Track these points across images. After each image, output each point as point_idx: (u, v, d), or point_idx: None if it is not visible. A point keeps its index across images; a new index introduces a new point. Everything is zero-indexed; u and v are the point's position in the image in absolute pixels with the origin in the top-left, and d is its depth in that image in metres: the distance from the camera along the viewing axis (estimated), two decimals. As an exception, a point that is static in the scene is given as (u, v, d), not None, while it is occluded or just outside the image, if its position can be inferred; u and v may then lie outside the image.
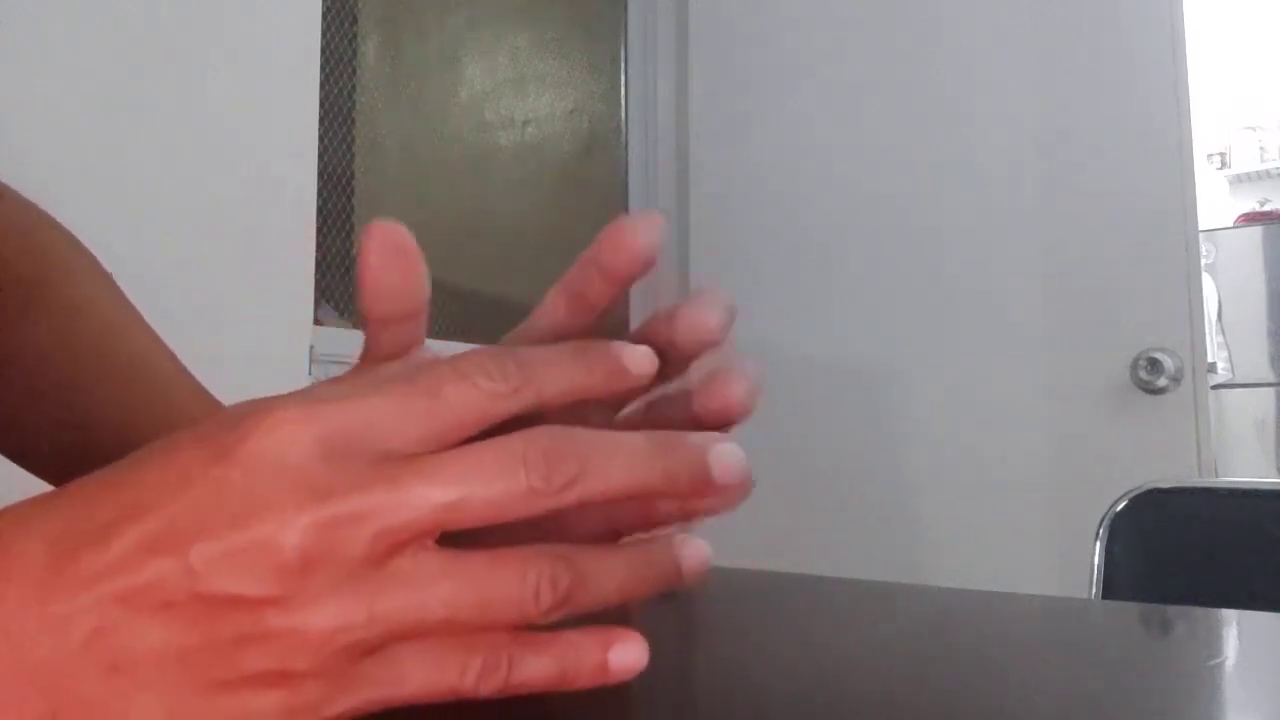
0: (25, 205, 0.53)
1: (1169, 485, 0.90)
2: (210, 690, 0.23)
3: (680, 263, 1.97)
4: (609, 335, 0.31)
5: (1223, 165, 4.44)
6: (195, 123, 1.14)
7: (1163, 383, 1.53)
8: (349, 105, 1.57)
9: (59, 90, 1.02)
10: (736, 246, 1.93)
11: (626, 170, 2.11)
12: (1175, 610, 0.49)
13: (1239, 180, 4.48)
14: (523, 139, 1.93)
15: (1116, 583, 0.87)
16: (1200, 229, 1.58)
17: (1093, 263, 1.61)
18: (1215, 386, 3.43)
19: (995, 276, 1.69)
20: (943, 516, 1.70)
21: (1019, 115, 1.69)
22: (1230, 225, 4.00)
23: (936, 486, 1.71)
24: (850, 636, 0.43)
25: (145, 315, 0.53)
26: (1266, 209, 4.27)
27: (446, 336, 1.57)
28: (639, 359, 0.27)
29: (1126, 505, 0.89)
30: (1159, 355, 1.53)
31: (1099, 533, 0.89)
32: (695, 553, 0.27)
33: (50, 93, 1.01)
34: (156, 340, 0.53)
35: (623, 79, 2.14)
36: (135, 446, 0.25)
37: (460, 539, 0.24)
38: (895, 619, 0.47)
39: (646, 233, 0.31)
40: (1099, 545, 0.88)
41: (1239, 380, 3.65)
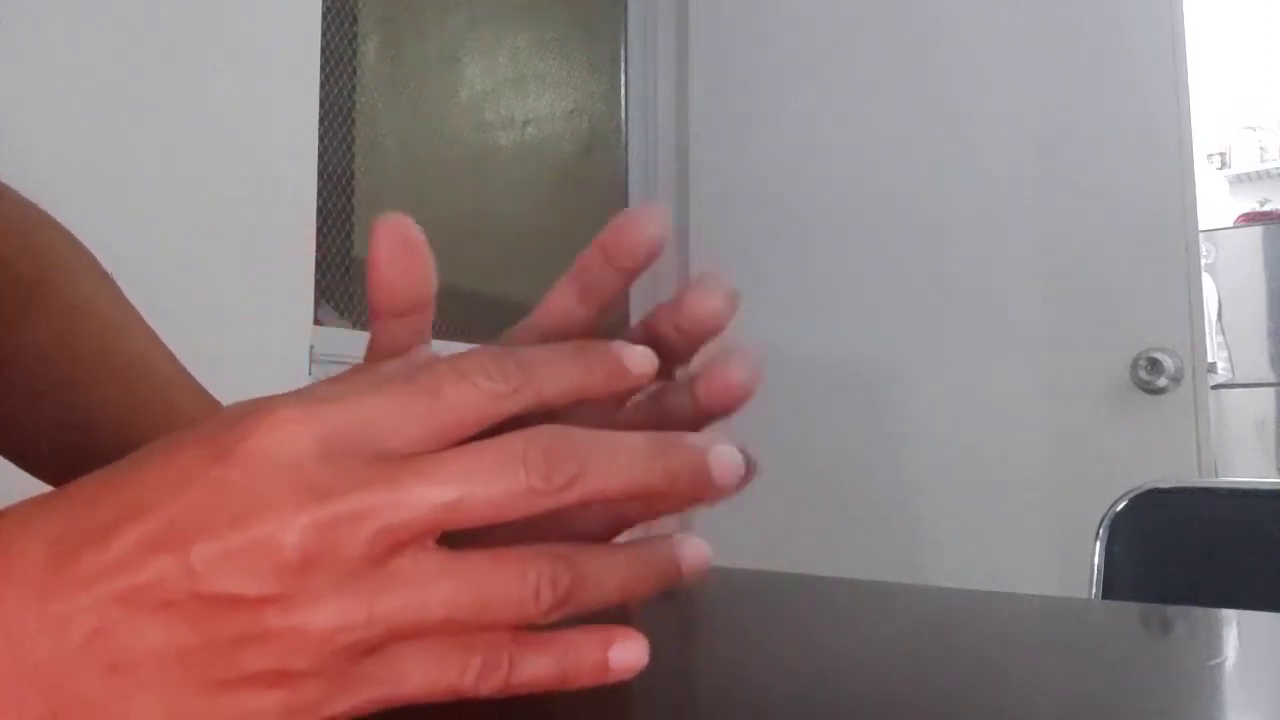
0: (25, 205, 0.53)
1: (1169, 485, 0.90)
2: (210, 690, 0.23)
3: (680, 263, 1.97)
4: (609, 331, 0.31)
5: (1223, 165, 4.44)
6: (195, 123, 1.14)
7: (1163, 383, 1.53)
8: (349, 105, 1.57)
9: (59, 90, 1.02)
10: (736, 246, 1.92)
11: (626, 170, 2.11)
12: (1175, 610, 0.49)
13: (1239, 180, 4.48)
14: (523, 139, 1.93)
15: (1116, 583, 0.87)
16: (1200, 229, 1.58)
17: (1093, 263, 1.61)
18: (1215, 386, 3.43)
19: (995, 276, 1.69)
20: (943, 516, 1.70)
21: (1019, 115, 1.69)
22: (1230, 225, 3.99)
23: (936, 486, 1.71)
24: (850, 636, 0.43)
25: (145, 315, 0.53)
26: (1266, 209, 4.26)
27: (446, 336, 1.57)
28: (639, 359, 0.27)
29: (1126, 505, 0.89)
30: (1159, 355, 1.53)
31: (1099, 533, 0.89)
32: (695, 552, 0.27)
33: (50, 93, 1.01)
34: (156, 340, 0.53)
35: (623, 79, 2.14)
36: (135, 446, 0.25)
37: (460, 539, 0.24)
38: (895, 619, 0.47)
39: (653, 223, 0.31)
40: (1099, 545, 0.88)
41: (1239, 380, 3.65)
